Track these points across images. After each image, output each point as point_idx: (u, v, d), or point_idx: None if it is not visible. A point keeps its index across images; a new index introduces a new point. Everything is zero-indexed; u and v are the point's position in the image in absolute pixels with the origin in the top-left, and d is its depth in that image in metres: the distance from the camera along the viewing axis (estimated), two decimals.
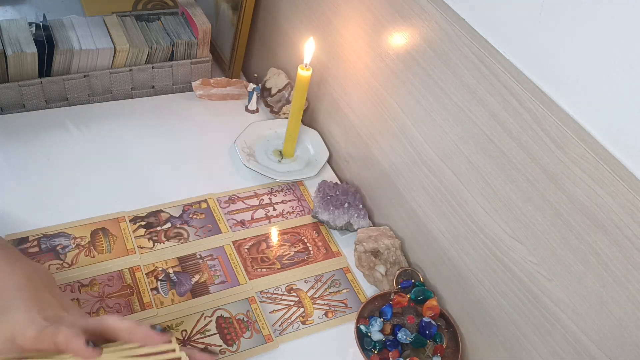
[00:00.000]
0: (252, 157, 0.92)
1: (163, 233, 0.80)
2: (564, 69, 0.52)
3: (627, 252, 0.49)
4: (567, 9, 0.51)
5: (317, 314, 0.75)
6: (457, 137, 0.66)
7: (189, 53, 1.01)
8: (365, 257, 0.77)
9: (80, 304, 0.70)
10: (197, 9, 1.02)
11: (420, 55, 0.69)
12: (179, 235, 0.80)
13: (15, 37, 0.89)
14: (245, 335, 0.71)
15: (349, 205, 0.85)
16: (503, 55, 0.58)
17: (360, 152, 0.88)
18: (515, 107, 0.57)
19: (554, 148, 0.54)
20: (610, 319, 0.52)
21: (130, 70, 0.98)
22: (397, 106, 0.76)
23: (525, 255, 0.60)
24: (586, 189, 0.52)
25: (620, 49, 0.47)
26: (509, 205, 0.61)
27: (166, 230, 0.80)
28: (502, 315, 0.65)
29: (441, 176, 0.70)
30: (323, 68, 0.92)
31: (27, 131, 0.90)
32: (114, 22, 0.98)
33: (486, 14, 0.60)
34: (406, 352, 0.70)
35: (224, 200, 0.86)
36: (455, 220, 0.70)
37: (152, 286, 0.74)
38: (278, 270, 0.79)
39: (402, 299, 0.73)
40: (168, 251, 0.78)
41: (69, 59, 0.91)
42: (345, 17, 0.83)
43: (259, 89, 1.01)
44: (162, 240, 0.79)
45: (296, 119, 0.89)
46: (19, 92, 0.91)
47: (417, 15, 0.68)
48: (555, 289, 0.57)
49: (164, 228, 0.81)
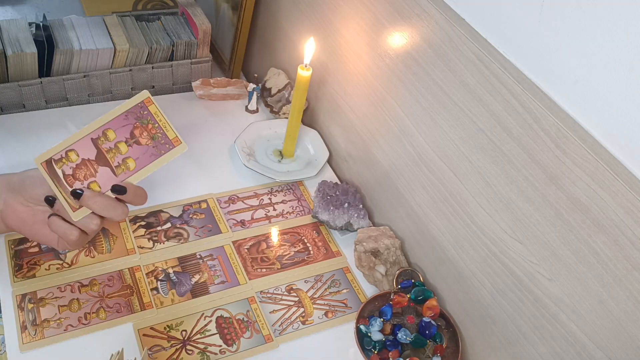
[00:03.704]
0: (252, 157, 0.92)
1: (163, 233, 0.80)
2: (564, 69, 0.52)
3: (627, 252, 0.49)
4: (567, 9, 0.51)
5: (317, 314, 0.75)
6: (457, 137, 0.66)
7: (189, 53, 1.01)
8: (365, 257, 0.77)
9: (80, 304, 0.70)
10: (197, 9, 1.02)
11: (420, 55, 0.69)
12: (179, 235, 0.80)
13: (15, 37, 0.89)
14: (245, 335, 0.71)
15: (349, 205, 0.85)
16: (503, 55, 0.58)
17: (360, 152, 0.88)
18: (515, 107, 0.57)
19: (554, 148, 0.54)
20: (610, 319, 0.52)
21: (130, 70, 0.98)
22: (397, 106, 0.76)
23: (525, 255, 0.60)
24: (586, 189, 0.52)
25: (620, 49, 0.47)
26: (509, 205, 0.61)
27: (166, 230, 0.80)
28: (502, 315, 0.65)
29: (441, 176, 0.70)
30: (323, 68, 0.92)
31: (27, 131, 0.90)
32: (114, 22, 0.98)
33: (486, 14, 0.60)
34: (406, 352, 0.70)
35: (223, 200, 0.86)
36: (455, 220, 0.70)
37: (152, 286, 0.74)
38: (278, 270, 0.79)
39: (402, 299, 0.73)
40: (168, 251, 0.78)
41: (69, 59, 0.91)
42: (345, 17, 0.83)
43: (259, 89, 1.01)
44: (162, 240, 0.79)
45: (296, 119, 0.89)
46: (19, 92, 0.91)
47: (417, 15, 0.68)
48: (555, 289, 0.57)
49: (164, 228, 0.81)
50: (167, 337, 0.69)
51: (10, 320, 0.67)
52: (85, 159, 0.58)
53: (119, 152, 0.59)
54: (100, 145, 0.59)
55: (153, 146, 0.60)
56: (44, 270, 0.73)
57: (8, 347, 0.65)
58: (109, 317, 0.69)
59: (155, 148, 0.59)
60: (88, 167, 0.58)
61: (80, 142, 0.59)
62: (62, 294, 0.71)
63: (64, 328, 0.68)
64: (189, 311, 0.72)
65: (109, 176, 0.58)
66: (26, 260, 0.73)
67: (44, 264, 0.73)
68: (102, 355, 0.65)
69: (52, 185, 0.57)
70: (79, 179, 0.57)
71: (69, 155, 0.58)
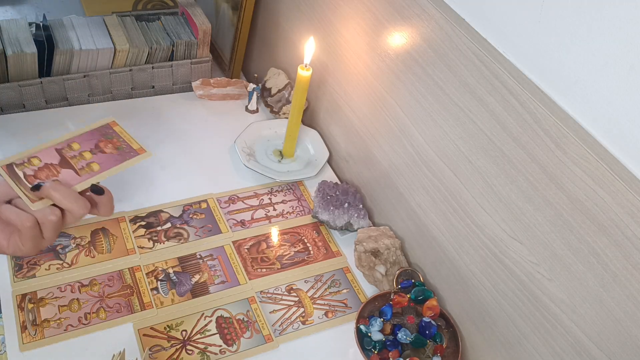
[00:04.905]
0: (252, 157, 0.92)
1: (163, 233, 0.80)
2: (564, 69, 0.52)
3: (627, 252, 0.49)
4: (567, 9, 0.51)
5: (317, 314, 0.75)
6: (457, 137, 0.66)
7: (189, 53, 1.01)
8: (365, 257, 0.77)
9: (80, 304, 0.70)
10: (197, 9, 1.02)
11: (420, 55, 0.69)
12: (179, 235, 0.80)
13: (15, 37, 0.89)
14: (245, 335, 0.71)
15: (349, 205, 0.85)
16: (503, 55, 0.58)
17: (360, 152, 0.88)
18: (515, 107, 0.57)
19: (554, 148, 0.54)
20: (610, 319, 0.52)
21: (130, 70, 0.98)
22: (397, 106, 0.76)
23: (525, 255, 0.60)
24: (586, 189, 0.52)
25: (620, 49, 0.47)
26: (509, 205, 0.61)
27: (166, 230, 0.80)
28: (502, 315, 0.65)
29: (441, 176, 0.70)
30: (323, 68, 0.92)
31: (27, 131, 0.90)
32: (114, 22, 0.98)
33: (486, 14, 0.60)
34: (406, 352, 0.70)
35: (224, 200, 0.86)
36: (455, 220, 0.70)
37: (152, 286, 0.74)
38: (278, 270, 0.79)
39: (402, 299, 0.73)
40: (168, 251, 0.78)
41: (69, 59, 0.91)
42: (345, 17, 0.83)
43: (259, 89, 1.01)
44: (162, 240, 0.79)
45: (296, 119, 0.89)
46: (19, 92, 0.91)
47: (417, 15, 0.68)
48: (555, 289, 0.57)
49: (164, 228, 0.81)
50: (167, 337, 0.69)
51: (10, 320, 0.67)
52: (48, 163, 0.57)
53: (83, 158, 0.58)
54: (64, 154, 0.58)
55: (118, 154, 0.59)
56: (44, 270, 0.73)
57: (8, 347, 0.65)
58: (109, 317, 0.69)
59: (119, 156, 0.59)
60: (50, 169, 0.57)
61: (44, 151, 0.58)
62: (62, 294, 0.71)
63: (64, 328, 0.68)
64: (189, 311, 0.72)
65: (72, 176, 0.56)
66: (26, 260, 0.73)
67: (44, 264, 0.73)
68: (102, 356, 0.65)
69: (11, 183, 0.55)
70: (41, 178, 0.56)
71: (32, 160, 0.57)
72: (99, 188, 0.57)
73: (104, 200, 0.57)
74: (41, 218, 0.53)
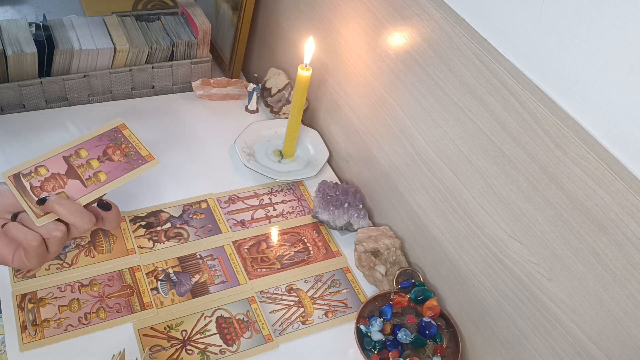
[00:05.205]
0: (252, 157, 0.92)
1: (163, 233, 0.80)
2: (564, 69, 0.52)
3: (627, 252, 0.49)
4: (567, 9, 0.51)
5: (317, 314, 0.75)
6: (457, 137, 0.66)
7: (189, 53, 1.01)
8: (365, 257, 0.77)
9: (80, 304, 0.70)
10: (197, 9, 1.02)
11: (420, 55, 0.69)
12: (179, 235, 0.80)
13: (15, 37, 0.89)
14: (245, 335, 0.71)
15: (349, 205, 0.85)
16: (503, 55, 0.58)
17: (360, 152, 0.88)
18: (515, 107, 0.57)
19: (554, 148, 0.54)
20: (611, 319, 0.52)
21: (130, 70, 0.98)
22: (397, 106, 0.76)
23: (525, 255, 0.60)
24: (586, 189, 0.52)
25: (620, 49, 0.47)
26: (509, 205, 0.61)
27: (166, 230, 0.80)
28: (502, 315, 0.65)
29: (441, 176, 0.70)
30: (323, 68, 0.92)
31: (27, 131, 0.90)
32: (114, 22, 0.98)
33: (486, 14, 0.60)
34: (406, 352, 0.70)
35: (224, 200, 0.86)
36: (455, 220, 0.70)
37: (152, 286, 0.74)
38: (278, 270, 0.79)
39: (402, 299, 0.73)
40: (168, 251, 0.78)
41: (69, 59, 0.91)
42: (345, 17, 0.83)
43: (259, 89, 1.01)
44: (162, 240, 0.79)
45: (296, 119, 0.89)
46: (19, 92, 0.91)
47: (417, 15, 0.68)
48: (555, 289, 0.57)
49: (164, 228, 0.81)
50: (167, 337, 0.69)
51: (10, 320, 0.67)
52: (55, 173, 0.57)
53: (90, 167, 0.58)
54: (71, 162, 0.58)
55: (125, 162, 0.59)
56: (44, 270, 0.73)
57: (8, 347, 0.65)
58: (109, 317, 0.70)
59: (127, 164, 0.59)
60: (57, 180, 0.57)
61: (52, 159, 0.58)
62: (62, 294, 0.71)
63: (64, 328, 0.68)
64: (189, 311, 0.72)
65: (78, 188, 0.56)
66: None
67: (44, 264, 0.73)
68: (102, 356, 0.65)
69: (17, 195, 0.55)
70: (47, 190, 0.56)
71: (39, 170, 0.57)
72: (106, 204, 0.57)
73: (110, 216, 0.57)
74: (46, 234, 0.54)
